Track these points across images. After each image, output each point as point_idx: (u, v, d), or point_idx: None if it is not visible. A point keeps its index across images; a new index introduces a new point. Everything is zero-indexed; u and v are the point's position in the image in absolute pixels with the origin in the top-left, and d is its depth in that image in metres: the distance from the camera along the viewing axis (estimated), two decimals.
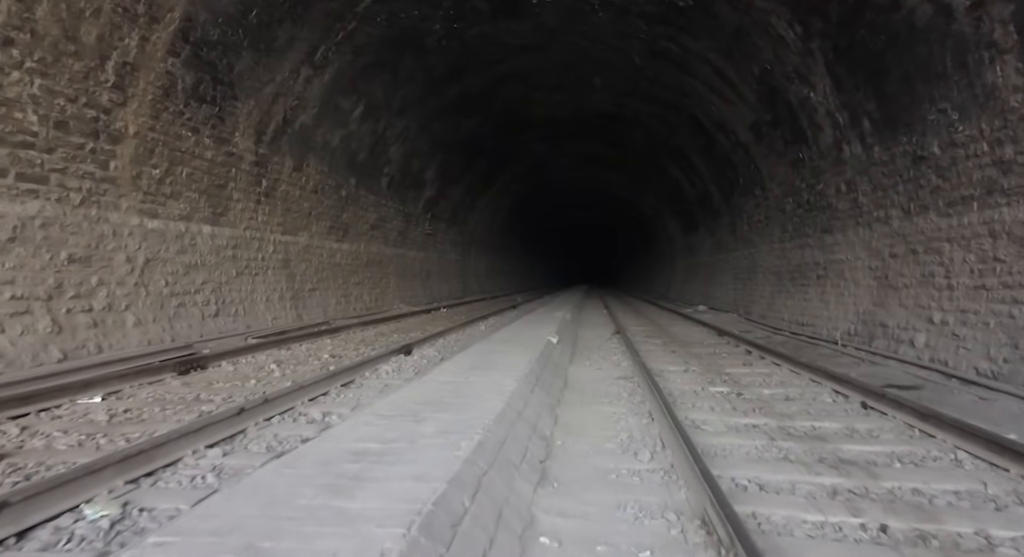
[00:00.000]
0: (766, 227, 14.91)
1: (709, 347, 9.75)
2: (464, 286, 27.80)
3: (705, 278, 22.54)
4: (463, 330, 11.45)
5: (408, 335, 10.49)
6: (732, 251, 18.59)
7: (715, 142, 16.47)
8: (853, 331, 9.24)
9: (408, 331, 11.32)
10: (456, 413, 3.52)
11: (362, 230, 15.75)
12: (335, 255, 14.15)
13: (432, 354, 7.95)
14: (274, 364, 6.94)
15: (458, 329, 11.43)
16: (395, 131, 15.64)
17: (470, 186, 24.62)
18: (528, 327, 9.76)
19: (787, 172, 12.67)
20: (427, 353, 7.96)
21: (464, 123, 18.93)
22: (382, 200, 16.81)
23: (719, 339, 10.90)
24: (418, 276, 20.77)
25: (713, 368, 7.46)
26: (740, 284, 17.33)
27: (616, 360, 7.87)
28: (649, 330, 12.68)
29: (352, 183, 14.67)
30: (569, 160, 28.29)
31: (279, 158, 11.31)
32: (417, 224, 20.48)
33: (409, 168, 17.90)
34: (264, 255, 11.04)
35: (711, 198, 19.92)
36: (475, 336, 10.50)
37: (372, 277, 16.32)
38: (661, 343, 10.34)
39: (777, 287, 13.80)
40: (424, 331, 11.25)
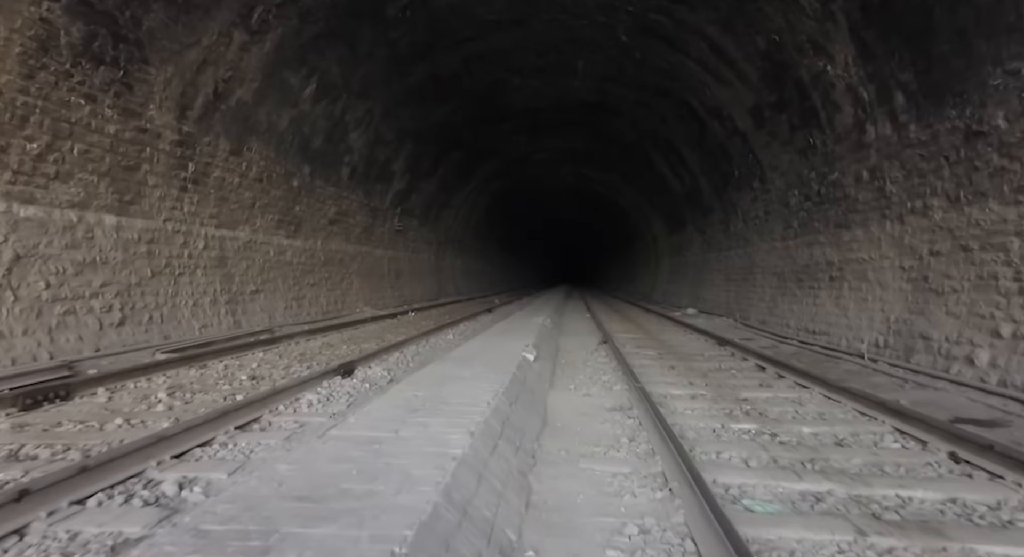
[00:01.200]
0: (765, 223, 13.57)
1: (712, 360, 8.33)
2: (439, 287, 26.22)
3: (694, 279, 21.21)
4: (427, 340, 9.90)
5: (360, 347, 8.93)
6: (725, 250, 17.26)
7: (708, 131, 15.10)
8: (882, 342, 7.87)
9: (362, 341, 9.75)
10: (344, 527, 2.00)
11: (319, 225, 14.12)
12: (285, 252, 12.52)
13: (378, 375, 6.40)
14: (166, 392, 5.35)
15: (421, 338, 9.88)
16: (356, 115, 14.03)
17: (444, 180, 23.05)
18: (501, 338, 8.26)
19: (793, 161, 11.32)
20: (372, 374, 6.41)
21: (435, 110, 17.37)
22: (343, 192, 15.19)
23: (720, 349, 9.49)
24: (386, 276, 19.17)
25: (726, 391, 6.02)
26: (734, 286, 16.00)
27: (607, 381, 6.39)
28: (639, 338, 11.24)
29: (306, 172, 13.04)
30: (550, 155, 26.85)
31: (211, 139, 9.68)
32: (385, 220, 18.87)
33: (374, 158, 16.30)
34: (192, 252, 9.40)
35: (701, 194, 18.58)
36: (439, 347, 8.97)
37: (331, 277, 14.70)
38: (655, 355, 8.90)
39: (780, 289, 12.45)
40: (380, 341, 9.68)
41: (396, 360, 7.47)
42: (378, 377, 6.24)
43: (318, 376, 5.97)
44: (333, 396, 5.30)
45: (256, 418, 4.49)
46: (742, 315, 14.34)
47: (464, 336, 10.61)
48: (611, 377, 6.67)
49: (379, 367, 6.82)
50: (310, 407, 4.91)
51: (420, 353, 8.19)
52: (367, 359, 7.25)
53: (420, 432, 3.19)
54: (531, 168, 29.25)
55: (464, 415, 3.56)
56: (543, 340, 8.74)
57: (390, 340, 9.70)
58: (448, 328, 11.85)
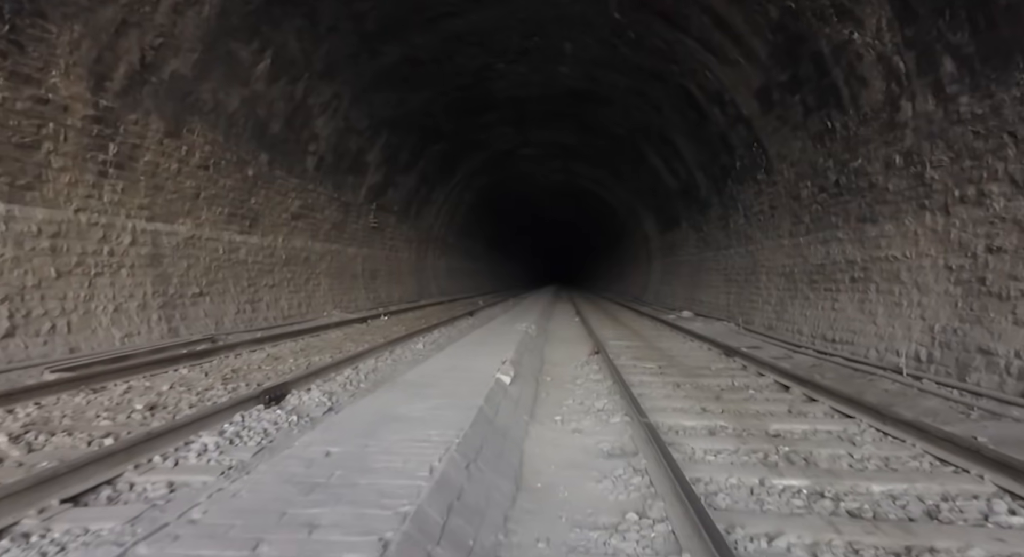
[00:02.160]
0: (771, 219, 12.37)
1: (722, 375, 7.10)
2: (420, 288, 24.89)
3: (689, 280, 20.03)
4: (391, 351, 8.59)
5: (309, 360, 7.60)
6: (724, 248, 16.07)
7: (707, 119, 13.90)
8: (925, 356, 6.66)
9: (315, 352, 8.42)
10: None
11: (279, 220, 12.76)
12: (238, 250, 11.16)
13: (315, 402, 5.09)
14: (11, 434, 4.00)
15: (386, 348, 8.57)
16: (321, 99, 12.69)
17: (425, 175, 21.72)
18: (476, 350, 6.98)
19: (805, 148, 10.12)
20: (307, 401, 5.10)
21: (412, 97, 16.05)
22: (308, 184, 13.83)
23: (728, 361, 8.26)
24: (360, 277, 17.82)
25: (750, 422, 4.77)
26: (735, 287, 14.80)
27: (602, 409, 5.12)
28: (635, 347, 9.99)
29: (263, 160, 11.68)
30: (537, 149, 25.62)
31: (139, 116, 8.31)
32: (359, 216, 17.52)
33: (344, 147, 14.95)
34: (115, 248, 8.04)
35: (697, 189, 17.39)
36: (403, 361, 7.66)
37: (294, 278, 13.34)
38: (655, 368, 7.65)
39: (789, 292, 11.25)
40: (337, 353, 8.37)
41: (345, 380, 6.15)
42: (312, 406, 4.93)
43: (237, 404, 4.66)
44: (242, 437, 3.99)
45: (111, 479, 3.18)
46: (745, 319, 13.14)
47: (437, 345, 9.31)
48: (607, 402, 5.40)
49: (320, 390, 5.50)
50: (200, 456, 3.60)
51: (378, 369, 6.88)
52: (310, 378, 5.94)
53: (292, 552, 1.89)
54: (518, 163, 27.99)
55: (387, 498, 2.27)
56: (525, 352, 7.47)
57: (349, 351, 8.39)
58: (420, 335, 10.54)
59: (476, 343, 7.83)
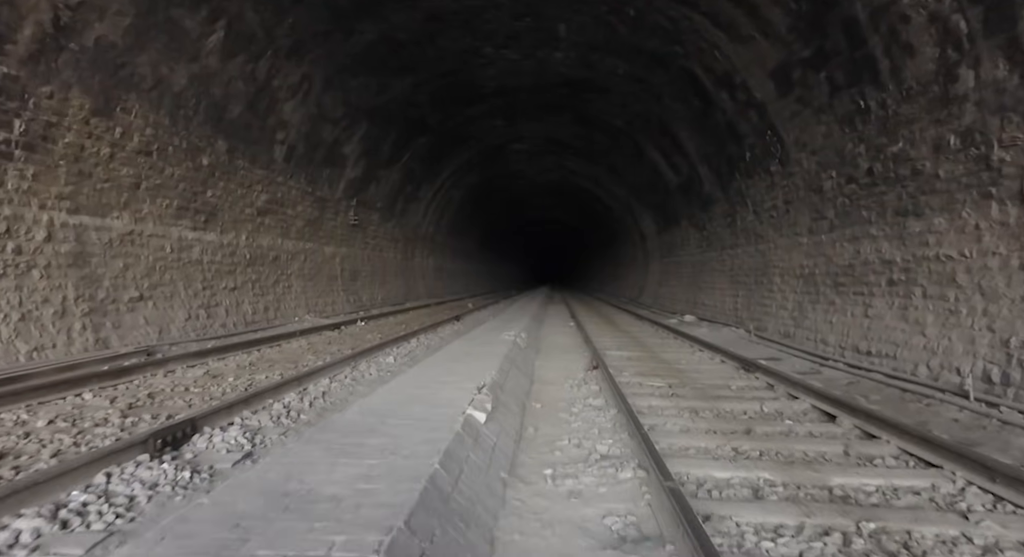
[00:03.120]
0: (786, 215, 11.20)
1: (747, 398, 5.90)
2: (407, 289, 23.63)
3: (690, 281, 18.85)
4: (355, 366, 7.34)
5: (251, 379, 6.35)
6: (730, 248, 14.89)
7: (713, 106, 12.72)
8: (999, 376, 5.47)
9: (265, 369, 7.16)
10: None
11: (242, 215, 11.49)
12: (190, 248, 9.89)
13: (229, 444, 3.86)
14: None
15: (349, 363, 7.32)
16: (289, 81, 11.43)
17: (410, 170, 20.47)
18: (453, 367, 5.76)
19: (831, 133, 8.94)
20: (216, 445, 3.86)
21: (392, 84, 14.81)
22: (276, 176, 12.57)
23: (749, 378, 7.06)
24: (339, 278, 16.56)
25: (803, 474, 3.56)
26: (743, 290, 13.63)
27: (607, 456, 3.89)
28: (637, 358, 8.78)
29: (221, 148, 10.42)
30: (529, 145, 24.42)
31: (57, 89, 7.04)
32: (337, 212, 16.25)
33: (317, 137, 13.69)
34: (22, 245, 6.77)
35: (700, 184, 16.22)
36: (363, 382, 6.41)
37: (260, 279, 12.07)
38: (665, 388, 6.46)
39: (809, 295, 10.07)
40: (290, 369, 7.12)
41: (283, 409, 4.90)
42: (221, 453, 3.69)
43: (117, 452, 3.43)
44: (87, 514, 2.75)
45: None
46: (757, 325, 11.95)
47: (411, 358, 8.08)
48: (612, 442, 4.18)
49: (242, 427, 4.27)
50: None
51: (329, 393, 5.62)
52: (239, 407, 4.70)
53: None
54: (510, 160, 26.79)
55: None
56: (512, 369, 6.24)
57: (306, 366, 7.14)
58: (394, 345, 9.30)
59: (455, 357, 6.61)
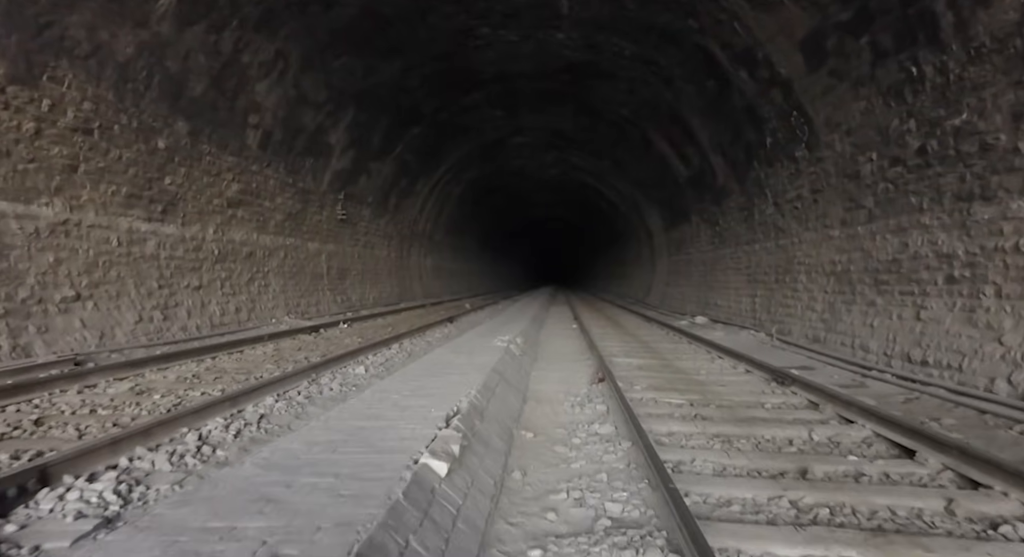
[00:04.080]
0: (813, 205, 10.04)
1: (789, 423, 4.76)
2: (401, 289, 22.52)
3: (701, 280, 17.69)
4: (316, 379, 6.21)
5: (185, 397, 5.22)
6: (746, 244, 13.73)
7: (730, 88, 11.56)
8: None
9: (210, 382, 6.05)
10: None
11: (210, 206, 10.39)
12: (144, 242, 8.78)
13: (85, 505, 2.73)
14: None
15: (309, 374, 6.20)
16: (261, 57, 10.32)
17: (404, 163, 19.35)
18: (426, 383, 4.64)
19: (871, 109, 7.78)
20: (65, 508, 2.73)
21: (380, 67, 13.68)
22: (250, 164, 11.46)
23: (784, 393, 5.92)
24: (325, 276, 15.44)
25: (908, 554, 2.42)
26: (762, 289, 12.46)
27: (619, 522, 2.74)
28: (650, 367, 7.63)
29: (181, 130, 9.31)
30: (531, 138, 23.29)
31: None
32: (322, 206, 15.14)
33: (297, 122, 12.58)
34: None
35: (712, 176, 15.06)
36: (316, 400, 5.26)
37: (232, 278, 10.96)
38: (687, 408, 5.32)
39: (843, 295, 8.91)
40: (238, 382, 6.00)
41: (197, 441, 3.77)
42: (59, 526, 2.56)
43: None
44: None
45: None
46: (779, 328, 10.79)
47: (386, 367, 6.95)
48: (629, 497, 3.03)
49: (115, 477, 3.14)
50: None
51: (268, 417, 4.48)
52: (131, 442, 3.57)
53: None
54: (511, 155, 25.65)
55: None
56: (499, 384, 5.11)
57: (257, 380, 6.02)
58: (372, 351, 8.17)
59: (434, 368, 5.48)
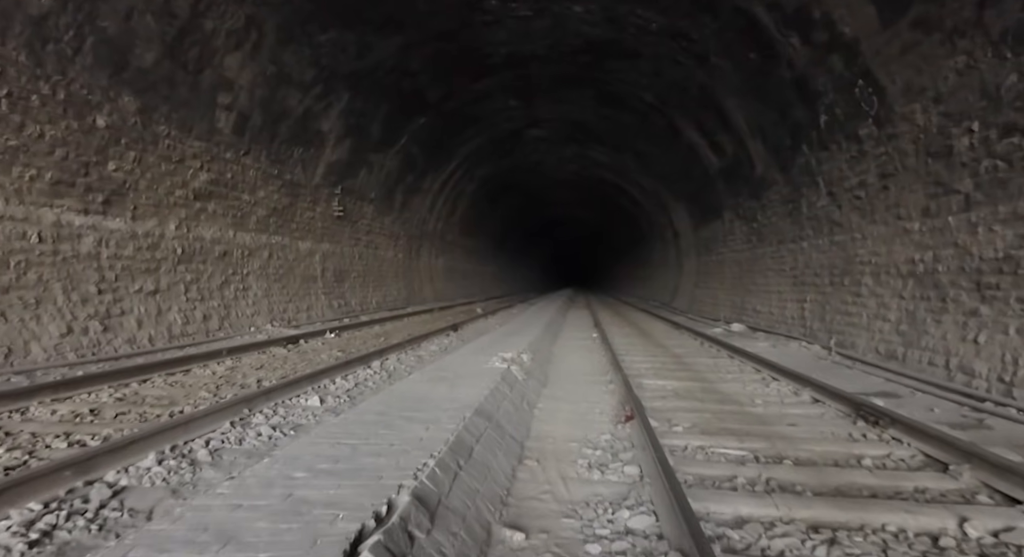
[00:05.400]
0: (881, 193, 8.34)
1: (916, 500, 3.13)
2: (410, 292, 21.08)
3: (735, 283, 15.97)
4: (249, 416, 4.71)
5: (35, 451, 3.74)
6: (791, 242, 12.03)
7: (777, 59, 9.90)
8: None
9: (108, 422, 4.58)
10: None
11: (171, 198, 8.98)
12: (80, 238, 7.38)
13: None
14: None
15: (239, 409, 4.70)
16: (229, 24, 8.89)
17: (410, 156, 17.88)
18: (393, 425, 3.08)
19: (974, 65, 6.09)
20: None
21: (377, 43, 12.21)
22: (223, 151, 10.05)
23: (886, 442, 4.31)
24: (319, 279, 14.02)
25: None
26: (814, 293, 10.75)
27: None
28: (688, 393, 6.00)
29: (128, 106, 7.90)
30: (548, 131, 21.72)
31: None
32: (315, 201, 13.72)
33: (279, 105, 11.15)
34: None
35: (750, 166, 13.38)
36: (204, 468, 3.76)
37: (200, 280, 9.55)
38: (752, 462, 3.73)
39: (927, 302, 7.20)
40: (127, 426, 4.52)
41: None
42: None
43: None
44: None
45: None
46: (839, 341, 9.09)
47: (349, 398, 5.43)
48: None
49: None
50: None
51: (126, 494, 2.98)
52: None
53: None
54: (527, 149, 24.09)
55: None
56: (484, 434, 3.55)
57: (166, 419, 4.54)
58: (345, 371, 6.65)
59: (396, 408, 3.95)
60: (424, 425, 3.42)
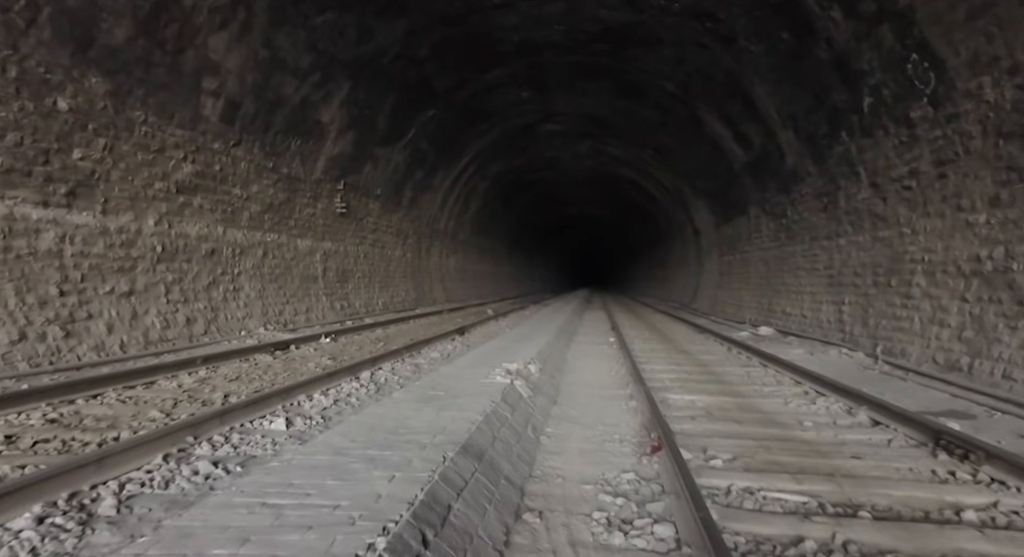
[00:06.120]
0: (938, 182, 7.38)
1: None
2: (419, 293, 20.30)
3: (761, 283, 14.98)
4: (192, 447, 3.90)
5: None
6: (825, 238, 11.06)
7: (814, 36, 8.96)
8: None
9: (16, 457, 3.80)
10: None
11: (149, 191, 8.25)
12: (38, 234, 6.66)
13: None
14: None
15: (186, 435, 3.90)
16: (212, 0, 8.13)
17: (419, 151, 17.09)
18: (347, 474, 2.22)
19: None
20: None
21: (380, 28, 11.42)
22: (210, 141, 9.31)
23: (985, 488, 3.37)
24: (320, 279, 13.26)
25: None
26: (854, 295, 9.77)
27: None
28: (722, 411, 5.08)
29: (97, 88, 7.17)
30: (563, 125, 20.83)
31: None
32: (316, 196, 12.97)
33: (275, 93, 10.39)
34: None
35: (780, 157, 12.42)
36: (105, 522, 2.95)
37: (184, 280, 8.82)
38: (818, 516, 2.80)
39: (997, 305, 6.23)
40: (52, 457, 3.74)
41: None
42: None
43: None
44: None
45: None
46: (886, 348, 8.12)
47: (323, 419, 4.61)
48: None
49: None
50: None
51: None
52: None
53: None
54: (541, 145, 23.20)
55: None
56: (469, 483, 2.70)
57: (109, 446, 3.76)
58: (327, 384, 5.85)
59: (361, 444, 3.12)
60: (389, 473, 2.59)
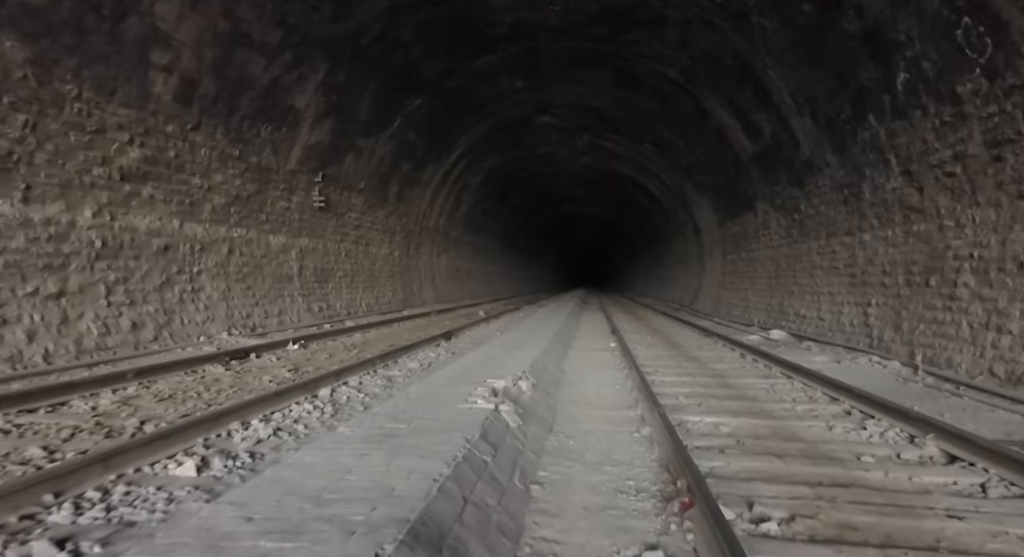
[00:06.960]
0: (991, 166, 6.41)
1: None
2: (407, 294, 19.27)
3: (771, 284, 14.01)
4: (72, 491, 2.88)
5: None
6: (846, 234, 10.10)
7: (840, 9, 8.01)
8: None
9: None
10: None
11: (85, 178, 7.20)
12: None
13: None
14: None
15: (32, 492, 2.87)
16: None
17: (406, 143, 16.06)
18: None
19: None
20: None
21: (358, 4, 10.39)
22: (162, 124, 8.27)
23: None
24: (296, 279, 12.22)
25: None
26: (883, 296, 8.80)
27: None
28: (755, 440, 4.04)
29: (14, 55, 6.13)
30: (559, 118, 19.85)
31: None
32: (290, 189, 11.93)
33: (239, 72, 9.36)
34: None
35: (793, 147, 11.46)
36: None
37: (130, 280, 7.78)
38: None
39: None
40: None
41: None
42: None
43: None
44: None
45: None
46: (927, 357, 7.14)
47: (253, 458, 3.59)
48: None
49: None
50: None
51: None
52: None
53: None
54: (536, 138, 22.22)
55: None
56: None
57: None
58: (274, 406, 4.83)
59: (284, 510, 2.11)
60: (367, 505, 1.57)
